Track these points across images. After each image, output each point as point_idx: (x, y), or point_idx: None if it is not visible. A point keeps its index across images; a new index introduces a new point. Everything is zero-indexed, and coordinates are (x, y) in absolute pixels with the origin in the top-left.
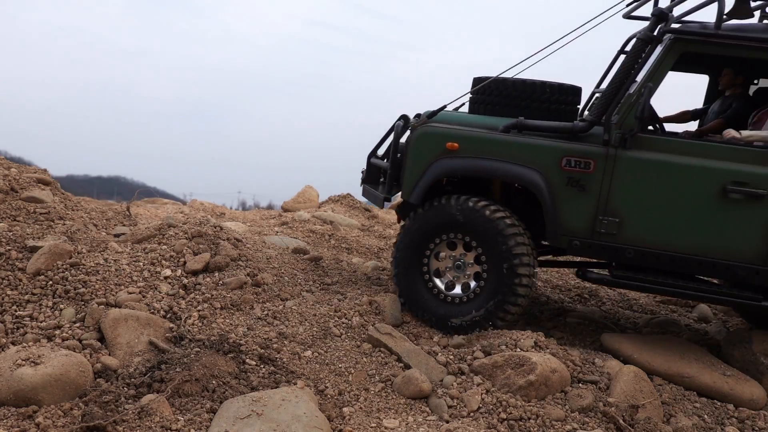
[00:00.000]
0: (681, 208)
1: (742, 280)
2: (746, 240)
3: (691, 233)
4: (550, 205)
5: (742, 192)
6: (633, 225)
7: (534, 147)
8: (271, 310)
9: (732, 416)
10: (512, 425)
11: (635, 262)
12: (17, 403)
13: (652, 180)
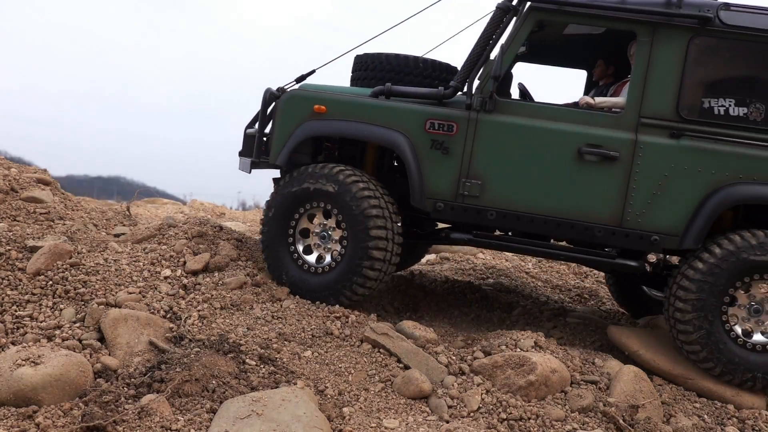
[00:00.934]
0: (539, 170)
1: (600, 241)
2: (602, 201)
3: (550, 195)
4: (415, 168)
5: (596, 153)
6: (494, 187)
7: (399, 110)
8: (270, 310)
9: (732, 416)
10: (512, 425)
11: (497, 224)
12: (17, 403)
13: (512, 143)
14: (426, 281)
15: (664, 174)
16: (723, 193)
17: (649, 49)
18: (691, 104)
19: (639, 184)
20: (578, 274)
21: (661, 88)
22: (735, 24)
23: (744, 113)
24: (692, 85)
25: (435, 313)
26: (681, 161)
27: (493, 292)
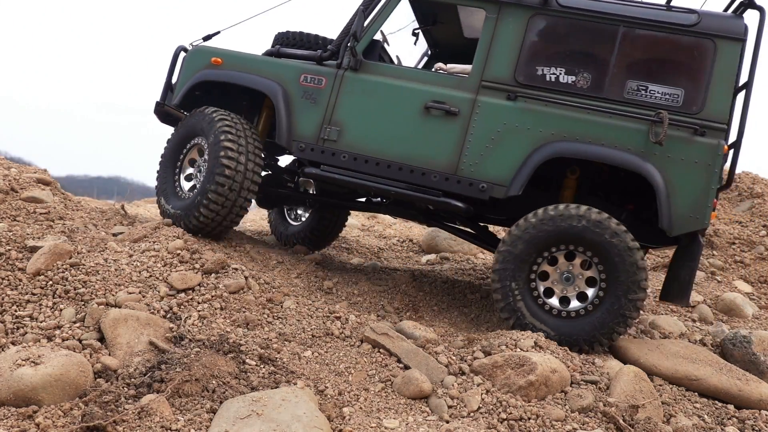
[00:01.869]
0: (390, 120)
1: (434, 185)
2: (441, 151)
3: (396, 142)
4: (284, 113)
5: (440, 108)
6: (350, 134)
7: (279, 64)
8: (271, 310)
9: (732, 416)
10: (512, 425)
11: (348, 166)
12: (17, 403)
13: (369, 97)
14: (426, 281)
15: (497, 130)
16: (546, 149)
17: (495, 24)
18: (527, 71)
19: (474, 137)
20: None
21: (501, 57)
22: (569, 5)
23: (572, 81)
24: (529, 55)
25: (435, 313)
26: (513, 120)
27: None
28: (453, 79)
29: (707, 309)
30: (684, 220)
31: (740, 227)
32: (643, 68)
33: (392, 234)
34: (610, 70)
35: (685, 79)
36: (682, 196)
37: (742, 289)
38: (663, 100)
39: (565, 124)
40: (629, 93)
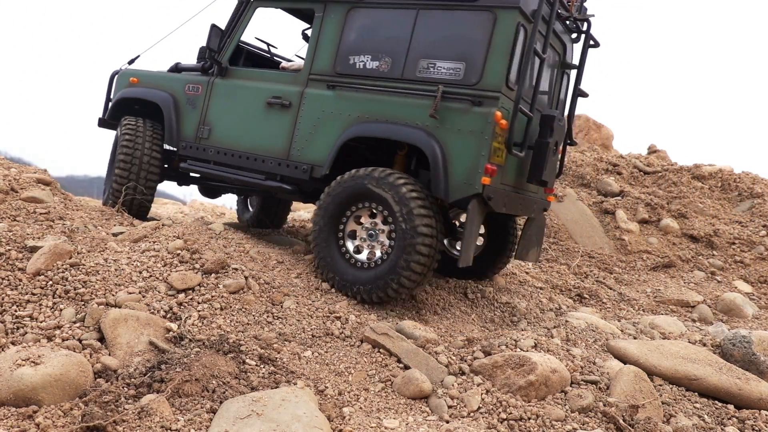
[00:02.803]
0: (242, 117)
1: (272, 170)
2: (278, 139)
3: (247, 135)
4: (173, 118)
5: (277, 103)
6: (216, 131)
7: (173, 78)
8: (270, 310)
9: (732, 416)
10: (512, 425)
11: (215, 158)
12: (17, 403)
13: (228, 98)
14: None
15: (318, 117)
16: (348, 131)
17: (321, 21)
18: (343, 62)
19: (301, 125)
20: (578, 275)
21: (325, 51)
22: None
23: (376, 66)
24: (345, 47)
25: (435, 313)
26: (330, 107)
27: (493, 292)
28: (290, 76)
29: (707, 309)
30: (459, 187)
31: (740, 227)
32: (433, 47)
33: None
34: (407, 52)
35: (467, 52)
36: (457, 165)
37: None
38: (447, 74)
39: (367, 107)
40: (421, 71)
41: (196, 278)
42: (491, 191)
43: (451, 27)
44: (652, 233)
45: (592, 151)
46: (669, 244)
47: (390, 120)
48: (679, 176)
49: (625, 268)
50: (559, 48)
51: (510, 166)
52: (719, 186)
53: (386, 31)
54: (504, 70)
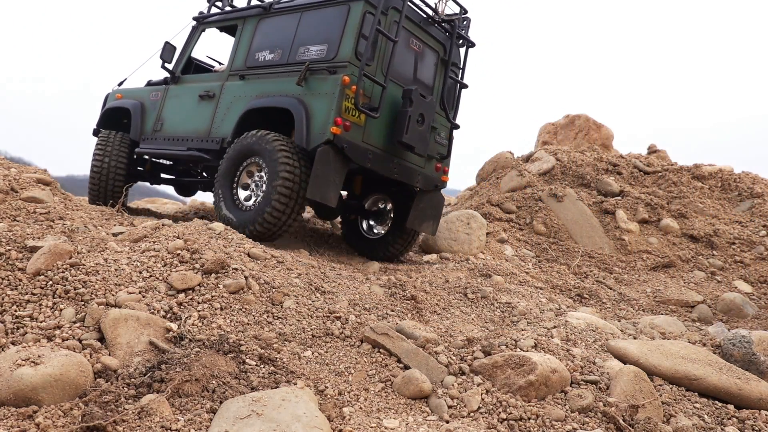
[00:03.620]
0: (183, 110)
1: (199, 146)
2: (204, 123)
3: (185, 123)
4: (138, 118)
5: (206, 95)
6: (166, 123)
7: (143, 90)
8: (270, 310)
9: (732, 416)
10: (512, 425)
11: (162, 145)
12: (17, 403)
13: (176, 98)
14: (426, 281)
15: (230, 101)
16: (246, 106)
17: (240, 32)
18: (251, 58)
19: (219, 109)
20: (578, 275)
21: (241, 53)
22: (278, 7)
23: (271, 57)
24: (254, 47)
25: (435, 313)
26: (239, 92)
27: (493, 292)
28: (216, 75)
29: (707, 309)
30: (315, 137)
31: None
32: (308, 37)
33: None
34: (292, 43)
35: (330, 37)
36: (316, 120)
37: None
38: (316, 55)
39: (262, 87)
40: (299, 56)
41: (196, 278)
42: (344, 142)
43: (322, 20)
44: (652, 233)
45: (592, 151)
46: (669, 244)
47: (274, 94)
48: (679, 176)
49: (625, 268)
50: (437, 47)
51: (376, 130)
52: (719, 186)
53: (281, 32)
54: (353, 46)
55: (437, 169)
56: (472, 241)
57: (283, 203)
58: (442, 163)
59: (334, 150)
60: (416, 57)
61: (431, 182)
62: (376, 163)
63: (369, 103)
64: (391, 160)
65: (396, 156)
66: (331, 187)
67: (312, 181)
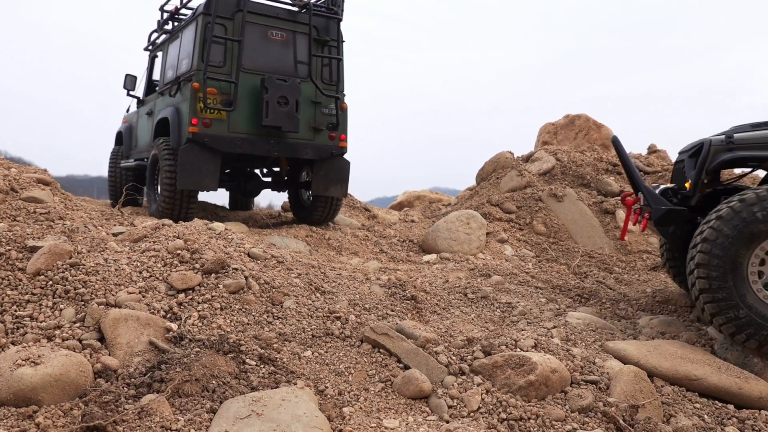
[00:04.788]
0: (142, 127)
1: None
2: (148, 136)
3: (142, 138)
4: (127, 138)
5: (149, 113)
6: (137, 140)
7: (133, 112)
8: (270, 310)
9: (732, 416)
10: (512, 425)
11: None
12: (17, 403)
13: (140, 118)
14: (426, 281)
15: (156, 116)
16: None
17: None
18: (165, 76)
19: (153, 123)
20: (578, 275)
21: (162, 71)
22: (174, 30)
23: (171, 74)
24: (167, 65)
25: (435, 313)
26: (160, 107)
27: (493, 292)
28: (155, 94)
29: None
30: (182, 138)
31: None
32: (184, 53)
33: (392, 234)
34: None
35: (190, 50)
36: (183, 123)
37: None
38: (185, 69)
39: (167, 101)
40: (179, 71)
41: (196, 278)
42: (206, 137)
43: (187, 37)
44: (653, 233)
45: (592, 151)
46: None
47: (169, 105)
48: None
49: (625, 268)
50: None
51: (243, 119)
52: None
53: (176, 52)
54: (200, 55)
55: (331, 138)
56: (472, 241)
57: (169, 193)
58: (336, 132)
59: (198, 145)
60: (280, 45)
61: (325, 151)
62: (248, 146)
63: (228, 98)
64: (267, 141)
65: (273, 136)
66: (205, 175)
67: (179, 175)
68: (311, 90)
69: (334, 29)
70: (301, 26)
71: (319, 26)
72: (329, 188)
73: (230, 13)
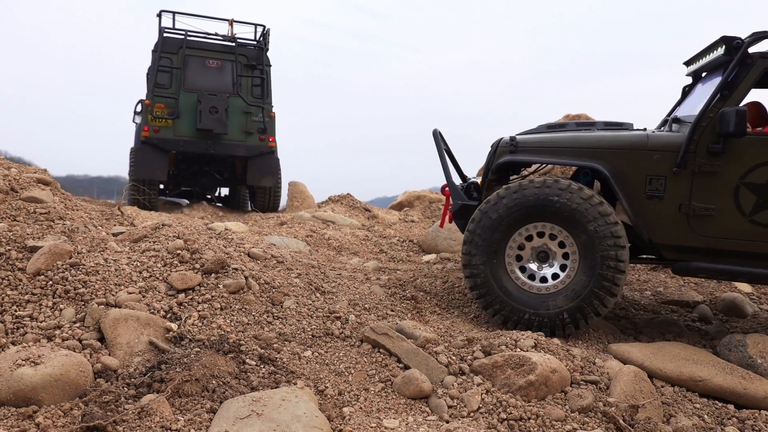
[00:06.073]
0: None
1: None
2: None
3: None
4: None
5: None
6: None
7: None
8: (270, 310)
9: (732, 416)
10: (512, 425)
11: None
12: (17, 403)
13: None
14: (426, 281)
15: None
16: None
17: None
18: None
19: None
20: None
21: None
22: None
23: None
24: None
25: (435, 313)
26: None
27: None
28: None
29: (707, 309)
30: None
31: None
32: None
33: (392, 234)
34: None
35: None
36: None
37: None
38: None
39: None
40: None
41: (196, 278)
42: (154, 140)
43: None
44: None
45: None
46: None
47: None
48: None
49: None
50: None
51: (185, 126)
52: None
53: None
54: (152, 80)
55: (261, 139)
56: None
57: (131, 183)
58: (265, 135)
59: (149, 146)
60: (215, 71)
61: (255, 150)
62: (189, 146)
63: (173, 111)
64: (205, 142)
65: (210, 138)
66: (155, 168)
67: (135, 168)
68: (241, 103)
69: (260, 57)
70: (230, 56)
71: (249, 55)
72: (261, 180)
73: (176, 49)
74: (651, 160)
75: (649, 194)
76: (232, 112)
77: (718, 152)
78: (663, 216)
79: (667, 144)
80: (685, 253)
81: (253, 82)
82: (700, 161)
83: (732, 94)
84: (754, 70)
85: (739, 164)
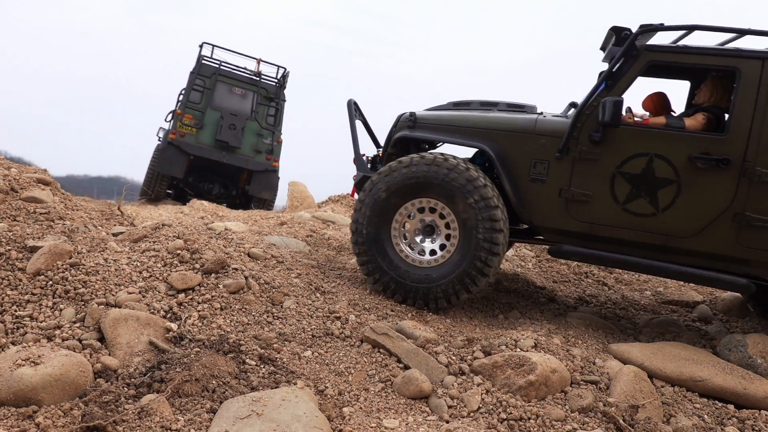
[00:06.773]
0: None
1: None
2: None
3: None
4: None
5: None
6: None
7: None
8: (270, 310)
9: (732, 416)
10: (512, 425)
11: None
12: (17, 403)
13: None
14: None
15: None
16: None
17: None
18: None
19: None
20: (578, 275)
21: None
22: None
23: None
24: None
25: (435, 313)
26: None
27: (493, 292)
28: None
29: (707, 309)
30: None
31: None
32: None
33: None
34: None
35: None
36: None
37: None
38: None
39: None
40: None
41: (196, 278)
42: (178, 142)
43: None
44: None
45: None
46: None
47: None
48: None
49: None
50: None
51: (207, 135)
52: None
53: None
54: (186, 95)
55: (267, 159)
56: None
57: (150, 173)
58: (272, 156)
59: (173, 146)
60: (240, 97)
61: (261, 166)
62: (206, 153)
63: (198, 122)
64: (220, 152)
65: (226, 150)
66: (175, 165)
67: (157, 162)
68: (256, 126)
69: (278, 93)
70: (253, 87)
71: (269, 89)
72: (261, 192)
73: (210, 74)
74: (537, 144)
75: (533, 177)
76: (248, 132)
77: (598, 141)
78: (544, 199)
79: (553, 129)
80: (562, 237)
81: (268, 112)
82: (582, 148)
83: (616, 84)
84: (640, 61)
85: (616, 154)
